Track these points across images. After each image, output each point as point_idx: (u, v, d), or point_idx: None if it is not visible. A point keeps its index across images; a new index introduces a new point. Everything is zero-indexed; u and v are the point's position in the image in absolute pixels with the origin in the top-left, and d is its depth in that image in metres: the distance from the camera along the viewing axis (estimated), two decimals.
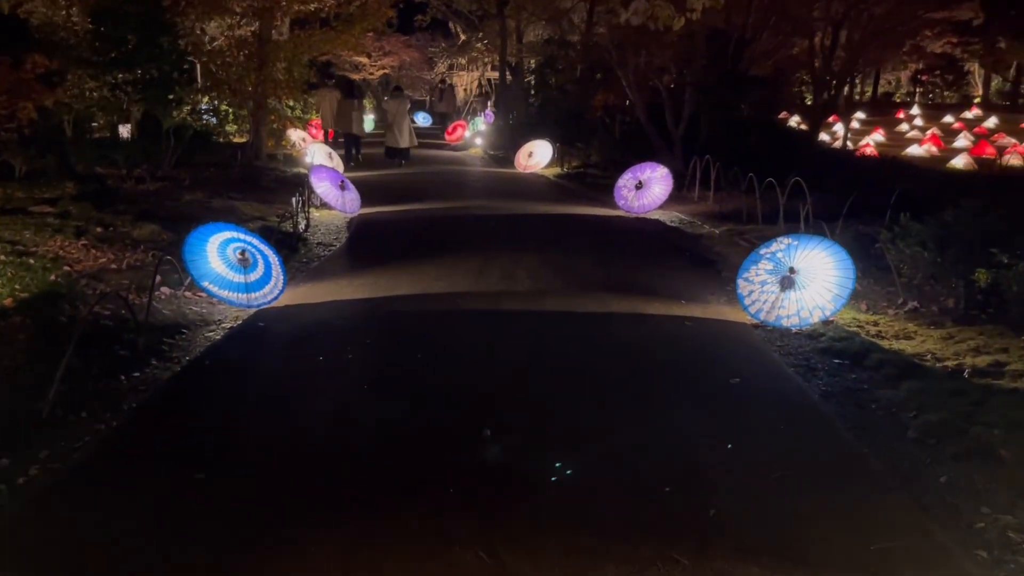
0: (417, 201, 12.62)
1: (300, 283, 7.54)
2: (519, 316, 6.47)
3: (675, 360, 5.51)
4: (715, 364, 5.43)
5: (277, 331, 6.05)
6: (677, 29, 6.46)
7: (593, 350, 5.71)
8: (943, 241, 6.69)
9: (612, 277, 7.89)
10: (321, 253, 8.96)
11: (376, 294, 7.08)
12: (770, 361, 5.55)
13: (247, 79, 14.01)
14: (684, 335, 6.08)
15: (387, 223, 10.91)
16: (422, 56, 39.43)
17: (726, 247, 9.24)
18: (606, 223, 11.16)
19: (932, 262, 6.70)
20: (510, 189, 14.77)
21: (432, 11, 28.28)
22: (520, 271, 7.94)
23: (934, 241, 6.73)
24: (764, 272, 6.63)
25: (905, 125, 34.83)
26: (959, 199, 10.44)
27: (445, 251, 8.88)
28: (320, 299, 6.93)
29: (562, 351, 5.67)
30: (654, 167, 11.77)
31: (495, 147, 21.89)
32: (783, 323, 6.36)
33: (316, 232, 10.12)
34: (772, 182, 9.93)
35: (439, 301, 6.87)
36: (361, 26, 16.01)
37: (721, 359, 5.54)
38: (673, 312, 6.66)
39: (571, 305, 6.77)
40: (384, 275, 7.75)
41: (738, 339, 6.04)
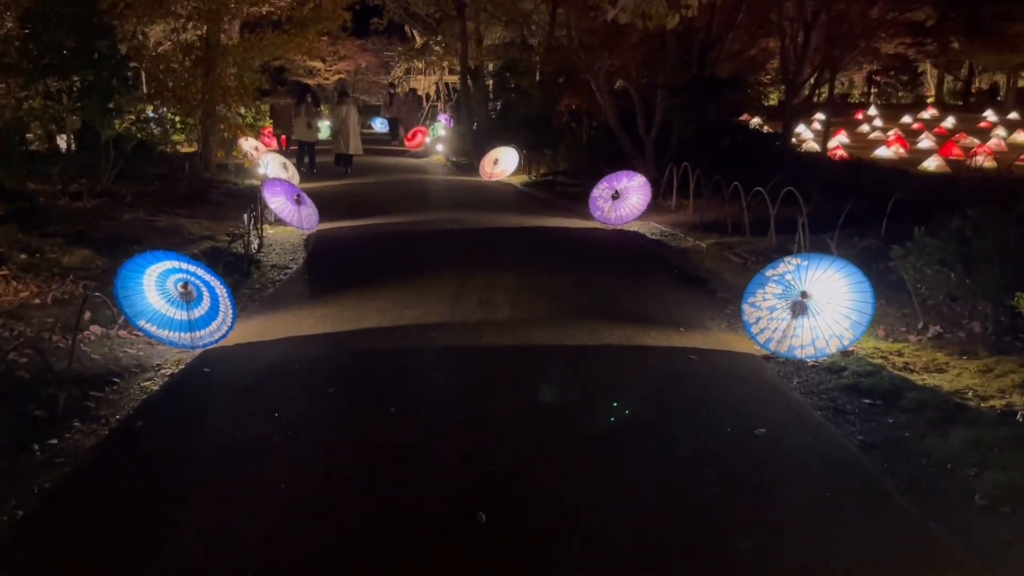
0: (380, 214, 11.81)
1: (252, 315, 6.71)
2: (504, 353, 5.72)
3: (688, 406, 4.82)
4: (733, 410, 4.74)
5: (225, 379, 5.23)
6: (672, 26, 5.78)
7: (593, 395, 4.99)
8: (967, 259, 6.10)
9: (599, 300, 7.20)
10: (276, 277, 8.13)
11: (339, 327, 6.29)
12: (793, 403, 4.88)
13: (193, 86, 13.06)
14: (691, 372, 5.40)
15: (348, 240, 10.10)
16: (378, 60, 38.57)
17: (715, 263, 8.60)
18: (584, 237, 10.47)
19: (956, 282, 6.11)
20: (478, 199, 14.03)
21: (388, 14, 27.39)
22: (499, 295, 7.20)
23: (957, 258, 6.14)
24: (772, 296, 5.99)
25: (866, 126, 34.84)
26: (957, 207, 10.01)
27: (414, 272, 8.11)
28: (275, 335, 6.12)
29: (559, 398, 4.94)
30: (631, 176, 11.14)
31: (458, 153, 21.14)
32: (797, 354, 5.71)
33: (270, 252, 9.28)
34: (761, 191, 9.31)
35: (412, 335, 6.10)
36: (315, 29, 15.14)
37: (738, 403, 4.86)
38: (673, 342, 5.98)
39: (560, 337, 6.05)
40: (348, 302, 6.97)
41: (751, 376, 5.37)
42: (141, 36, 14.44)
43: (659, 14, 5.79)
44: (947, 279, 6.14)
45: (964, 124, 36.04)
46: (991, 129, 34.16)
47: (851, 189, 12.08)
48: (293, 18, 15.10)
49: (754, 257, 8.40)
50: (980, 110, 43.71)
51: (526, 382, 5.21)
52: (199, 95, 13.37)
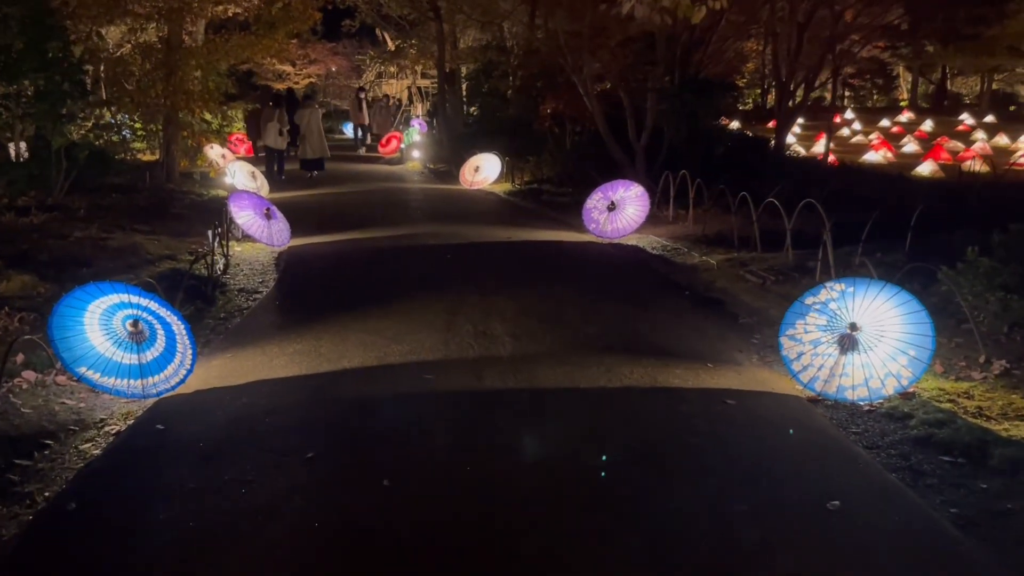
0: (357, 228, 10.95)
1: (216, 352, 5.85)
2: (511, 400, 4.91)
3: (736, 467, 4.04)
4: (791, 473, 3.98)
5: (181, 440, 4.37)
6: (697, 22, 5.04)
7: (621, 454, 4.19)
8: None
9: (610, 329, 6.41)
10: (244, 304, 7.25)
11: (317, 367, 5.45)
12: (860, 463, 4.12)
13: (153, 90, 12.13)
14: (731, 421, 4.62)
15: (324, 258, 9.23)
16: (350, 64, 37.62)
17: (730, 282, 7.86)
18: (581, 253, 9.69)
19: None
20: (461, 210, 13.20)
21: (361, 16, 26.48)
22: (496, 324, 6.39)
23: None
24: (815, 328, 5.25)
25: (846, 130, 34.47)
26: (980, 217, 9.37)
27: (399, 296, 7.28)
28: (243, 378, 5.26)
29: (581, 459, 4.14)
30: (627, 185, 10.38)
31: (436, 160, 20.29)
32: (848, 396, 4.97)
33: (237, 274, 8.40)
34: (774, 202, 8.58)
35: (402, 378, 5.27)
36: (285, 30, 14.26)
37: (794, 463, 4.09)
38: (704, 382, 5.21)
39: (573, 377, 5.25)
40: (325, 335, 6.12)
41: (802, 425, 4.61)
42: (97, 37, 13.47)
43: (685, 5, 5.05)
44: (1017, 306, 5.43)
45: (943, 127, 35.81)
46: (970, 132, 33.97)
47: (859, 198, 11.47)
48: (261, 18, 14.19)
49: (773, 276, 7.67)
50: (954, 113, 43.69)
51: (541, 438, 4.39)
52: (160, 100, 12.44)
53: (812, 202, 7.99)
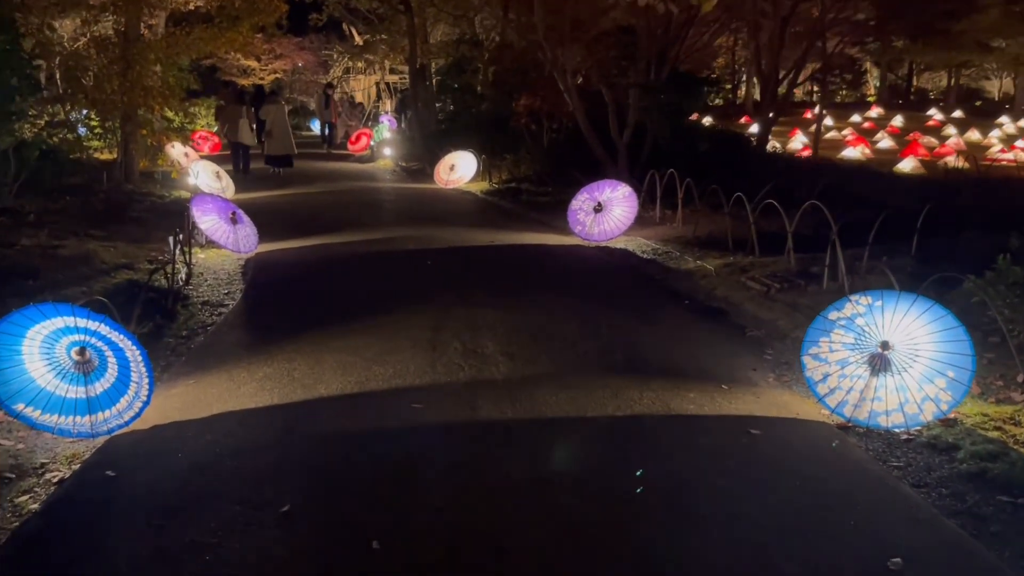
0: (330, 232, 10.33)
1: (177, 377, 5.24)
2: (511, 433, 4.37)
3: (781, 516, 3.54)
4: (841, 521, 3.49)
5: (135, 489, 3.78)
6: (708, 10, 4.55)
7: (645, 502, 3.68)
8: None
9: (610, 345, 5.90)
10: (208, 319, 6.64)
11: (290, 395, 4.87)
12: (912, 506, 3.65)
13: (109, 85, 11.39)
14: (761, 457, 4.13)
15: (295, 266, 8.61)
16: (317, 59, 36.76)
17: (731, 290, 7.39)
18: (568, 258, 9.17)
19: None
20: (438, 211, 12.63)
21: (328, 10, 25.71)
22: (487, 340, 5.86)
23: None
24: (841, 346, 4.78)
25: None
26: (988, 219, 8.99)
27: (379, 309, 6.72)
28: (206, 409, 4.67)
29: (599, 507, 3.61)
30: (614, 185, 9.90)
31: (408, 158, 19.66)
32: (881, 423, 4.51)
33: (201, 284, 7.77)
34: (774, 204, 8.13)
35: (386, 408, 4.71)
36: (250, 23, 13.54)
37: (842, 508, 3.61)
38: (722, 408, 4.72)
39: (577, 403, 4.73)
40: (299, 356, 5.54)
41: (837, 459, 4.14)
42: (48, 30, 12.69)
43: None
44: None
45: (913, 123, 35.88)
46: (941, 127, 34.04)
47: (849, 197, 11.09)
48: (225, 11, 13.46)
49: (777, 283, 7.21)
50: (922, 108, 43.89)
51: (550, 483, 3.86)
52: (117, 96, 11.70)
53: (816, 204, 7.53)
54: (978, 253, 7.79)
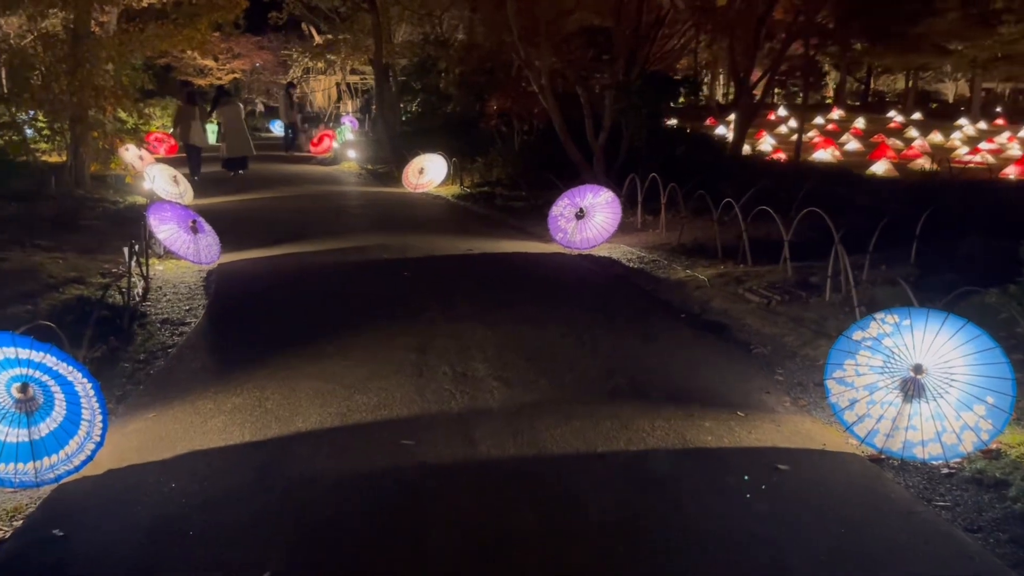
0: (297, 240, 9.77)
1: (135, 410, 4.69)
2: (517, 475, 3.91)
3: (828, 569, 3.14)
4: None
5: (87, 553, 3.25)
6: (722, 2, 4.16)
7: (676, 559, 3.25)
8: None
9: (610, 365, 5.46)
10: (168, 340, 6.07)
11: (263, 431, 4.36)
12: (969, 553, 3.27)
13: (57, 84, 10.69)
14: (796, 498, 3.72)
15: (261, 279, 8.04)
16: (276, 59, 35.91)
17: (728, 302, 7.01)
18: (552, 267, 8.74)
19: None
20: (410, 217, 12.11)
21: (289, 7, 24.98)
22: (477, 362, 5.40)
23: None
24: (868, 369, 4.41)
25: (784, 128, 34.43)
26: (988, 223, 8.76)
27: (357, 327, 6.21)
28: (168, 449, 4.14)
29: (626, 566, 3.17)
30: (596, 191, 9.50)
31: (375, 161, 19.08)
32: (917, 455, 4.14)
33: (160, 300, 7.18)
34: (768, 211, 7.79)
35: (372, 445, 4.22)
36: (208, 20, 12.89)
37: (898, 562, 3.22)
38: (741, 439, 4.31)
39: (585, 436, 4.29)
40: (271, 384, 5.03)
41: (877, 498, 3.75)
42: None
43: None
44: None
45: (874, 125, 36.19)
46: (902, 130, 34.36)
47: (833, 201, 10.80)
48: (182, 7, 12.79)
49: (777, 295, 6.85)
50: (880, 110, 44.40)
51: (560, 534, 3.41)
52: (66, 96, 11.01)
53: (816, 211, 7.19)
54: (978, 260, 7.56)
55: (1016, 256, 7.37)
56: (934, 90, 58.39)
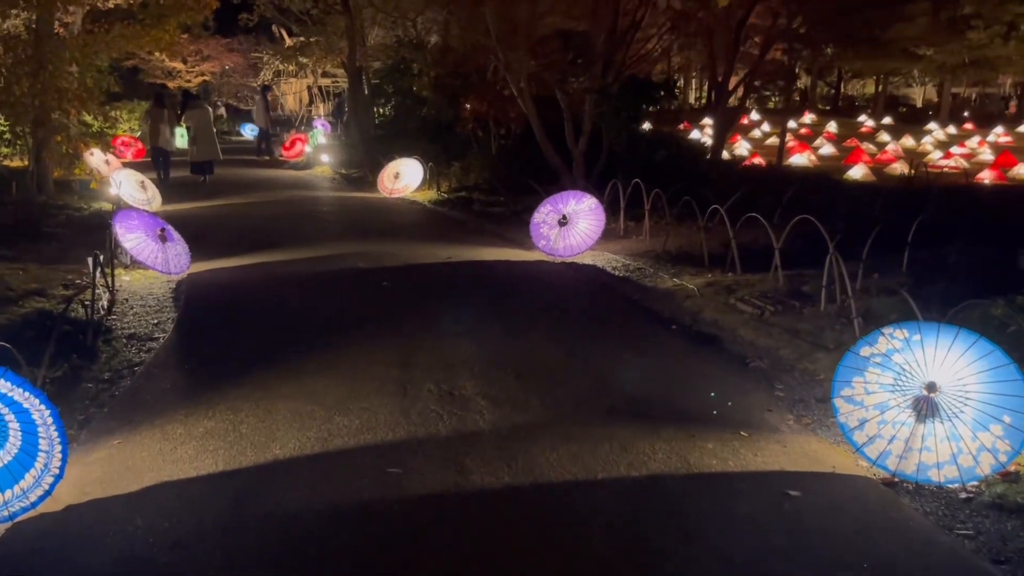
0: (270, 248, 9.43)
1: (99, 436, 4.37)
2: (512, 505, 3.65)
3: None
4: None
5: None
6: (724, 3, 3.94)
7: None
8: None
9: (604, 383, 5.22)
10: (135, 357, 5.73)
11: (238, 459, 4.05)
12: None
13: (18, 87, 10.27)
14: (813, 528, 3.50)
15: (233, 290, 7.71)
16: (246, 61, 35.35)
17: (720, 312, 6.80)
18: (536, 276, 8.48)
19: None
20: (386, 223, 11.80)
21: (260, 10, 24.49)
22: (464, 380, 5.13)
23: None
24: (878, 387, 4.21)
25: (757, 131, 34.51)
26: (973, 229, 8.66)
27: (335, 342, 5.92)
28: (135, 482, 3.83)
29: None
30: (579, 197, 9.28)
31: (349, 165, 18.71)
32: (933, 477, 3.94)
33: (126, 313, 6.83)
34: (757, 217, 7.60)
35: (357, 473, 3.93)
36: (177, 20, 12.49)
37: None
38: (748, 463, 4.08)
39: (584, 462, 4.03)
40: (246, 406, 4.72)
41: (897, 527, 3.54)
42: None
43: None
44: None
45: (846, 129, 36.38)
46: (873, 134, 34.57)
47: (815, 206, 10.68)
48: (149, 7, 12.38)
49: (771, 305, 6.65)
50: (851, 115, 44.73)
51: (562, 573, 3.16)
52: (27, 99, 10.58)
53: (810, 219, 7.03)
54: (970, 268, 7.44)
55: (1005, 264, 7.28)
56: (903, 95, 59.10)
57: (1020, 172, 19.85)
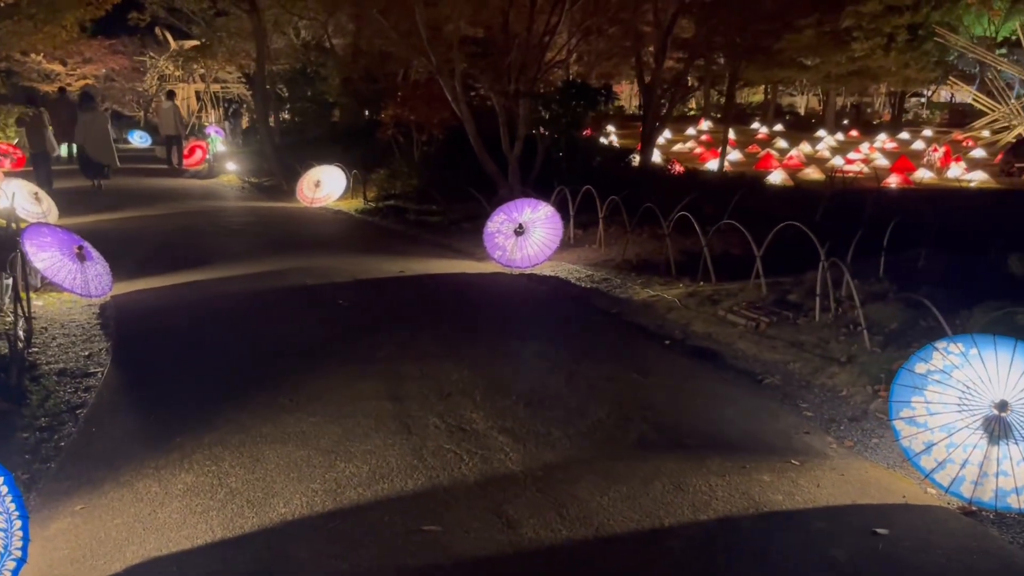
0: (199, 265, 8.56)
1: (54, 502, 3.60)
2: (576, 566, 3.14)
3: None
4: None
5: None
6: None
7: None
8: None
9: (621, 409, 4.74)
10: (73, 398, 4.90)
11: (236, 524, 3.38)
12: None
13: None
14: (912, 570, 3.14)
15: (171, 314, 6.85)
16: (132, 64, 33.34)
17: (710, 325, 6.47)
18: (500, 289, 7.96)
19: None
20: (320, 235, 11.04)
21: (152, 10, 22.95)
22: (470, 411, 4.59)
23: None
24: (942, 406, 3.92)
25: (661, 138, 34.95)
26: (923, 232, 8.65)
27: (306, 371, 5.24)
28: (116, 560, 3.14)
29: None
30: (535, 205, 8.84)
31: (258, 174, 17.65)
32: (1012, 504, 3.66)
33: (48, 345, 5.94)
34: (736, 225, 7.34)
35: (385, 533, 3.32)
36: (74, 16, 11.36)
37: None
38: (814, 497, 3.71)
39: (641, 505, 3.56)
40: (227, 453, 4.03)
41: (997, 565, 3.23)
42: None
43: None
44: None
45: (744, 136, 37.40)
46: (769, 140, 35.64)
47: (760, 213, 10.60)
48: (42, 1, 11.21)
49: (764, 316, 6.36)
50: (744, 122, 46.15)
51: None
52: None
53: (796, 224, 6.79)
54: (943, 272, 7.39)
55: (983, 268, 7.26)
56: (788, 104, 61.50)
57: (922, 176, 20.64)
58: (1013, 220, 10.85)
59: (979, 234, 8.77)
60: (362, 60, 18.87)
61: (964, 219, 11.11)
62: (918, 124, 47.01)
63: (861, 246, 7.52)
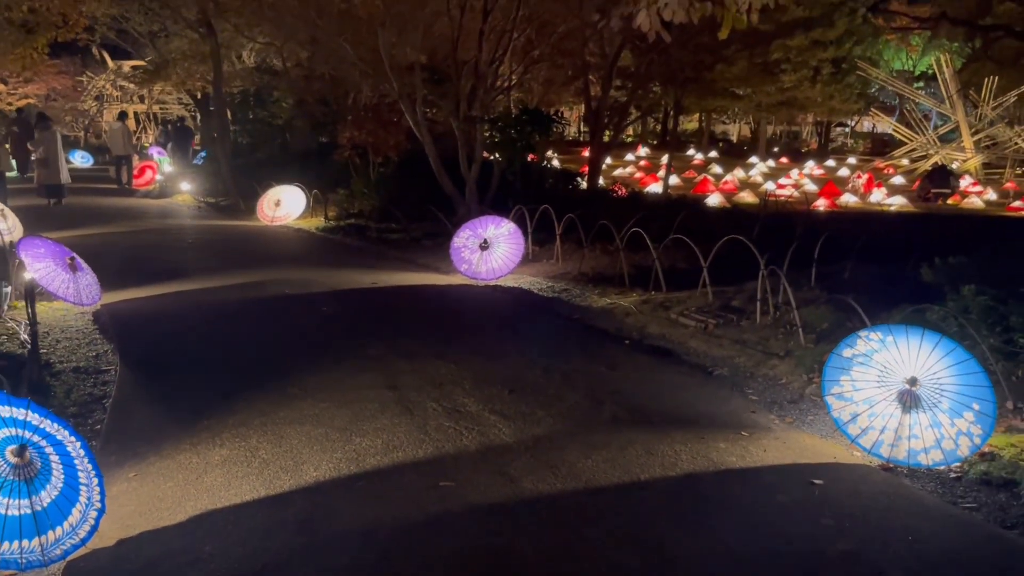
0: (177, 278, 8.98)
1: (106, 471, 4.07)
2: (578, 511, 3.78)
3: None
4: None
5: None
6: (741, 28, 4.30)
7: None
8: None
9: (594, 395, 5.41)
10: (95, 391, 5.35)
11: (275, 485, 3.94)
12: None
13: None
14: (847, 511, 3.86)
15: (164, 320, 7.29)
16: (74, 84, 33.12)
17: (664, 327, 7.20)
18: (471, 298, 8.57)
19: None
20: (289, 251, 11.50)
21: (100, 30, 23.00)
22: (463, 398, 5.19)
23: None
24: (865, 384, 4.69)
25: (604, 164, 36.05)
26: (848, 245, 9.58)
27: (305, 367, 5.77)
28: (177, 512, 3.65)
29: None
30: (498, 222, 9.50)
31: (214, 193, 17.94)
32: (922, 461, 4.44)
33: (55, 347, 6.34)
34: (689, 244, 8.12)
35: (408, 488, 3.91)
36: (45, 39, 11.68)
37: (976, 565, 3.42)
38: (762, 457, 4.43)
39: (620, 465, 4.22)
40: (252, 433, 4.56)
41: (917, 507, 3.97)
42: None
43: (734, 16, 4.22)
44: None
45: (681, 162, 38.82)
46: (705, 166, 37.11)
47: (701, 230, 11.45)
48: (13, 21, 11.50)
49: (712, 319, 7.12)
50: (679, 149, 47.81)
51: (656, 572, 3.34)
52: None
53: (738, 238, 7.59)
54: (866, 281, 8.27)
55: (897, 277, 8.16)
56: (720, 132, 63.77)
57: (848, 200, 22.01)
58: (927, 238, 11.91)
59: (897, 250, 9.74)
60: (316, 84, 19.37)
61: (885, 237, 12.14)
62: (843, 152, 49.38)
63: (795, 259, 8.37)
